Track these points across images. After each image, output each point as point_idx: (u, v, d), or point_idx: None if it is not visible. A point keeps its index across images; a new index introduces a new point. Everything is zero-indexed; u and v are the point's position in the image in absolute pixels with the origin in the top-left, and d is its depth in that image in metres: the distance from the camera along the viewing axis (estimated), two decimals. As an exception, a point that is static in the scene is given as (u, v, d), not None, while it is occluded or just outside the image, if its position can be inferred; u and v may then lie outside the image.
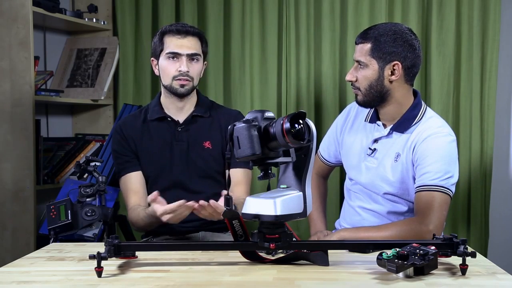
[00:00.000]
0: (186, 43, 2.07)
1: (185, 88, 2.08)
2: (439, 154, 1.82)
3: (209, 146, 2.13)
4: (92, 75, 3.03)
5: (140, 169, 2.14)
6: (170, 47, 2.07)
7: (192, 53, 2.08)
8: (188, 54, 2.07)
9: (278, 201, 1.31)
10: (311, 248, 1.42)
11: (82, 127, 3.17)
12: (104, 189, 1.92)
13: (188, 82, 2.08)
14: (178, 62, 2.07)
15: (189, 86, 2.09)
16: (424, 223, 1.75)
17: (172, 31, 2.08)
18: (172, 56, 2.07)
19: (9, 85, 2.60)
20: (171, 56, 2.07)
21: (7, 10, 2.60)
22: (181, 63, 2.06)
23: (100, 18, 3.08)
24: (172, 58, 2.07)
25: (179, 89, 2.08)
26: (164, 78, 2.10)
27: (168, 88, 2.10)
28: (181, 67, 2.06)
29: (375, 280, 1.28)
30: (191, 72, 2.08)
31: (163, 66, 2.09)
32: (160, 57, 2.10)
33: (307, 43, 2.95)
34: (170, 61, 2.07)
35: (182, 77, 2.07)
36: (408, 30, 1.89)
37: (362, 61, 1.87)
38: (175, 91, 2.09)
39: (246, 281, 1.30)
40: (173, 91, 2.10)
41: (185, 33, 2.08)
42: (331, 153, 2.15)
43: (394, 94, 1.89)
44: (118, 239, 1.39)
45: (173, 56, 2.07)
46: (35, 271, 1.41)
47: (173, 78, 2.07)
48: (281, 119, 1.29)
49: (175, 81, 2.07)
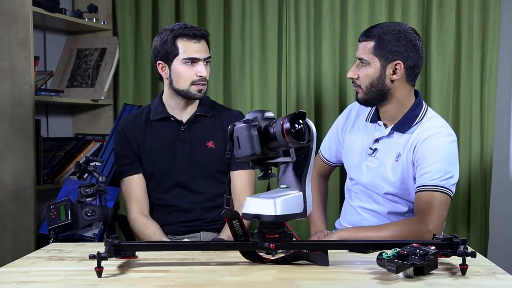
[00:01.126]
0: (202, 47, 2.07)
1: (202, 92, 2.09)
2: (440, 154, 1.82)
3: (212, 146, 2.13)
4: (92, 75, 3.03)
5: (142, 171, 2.14)
6: (187, 52, 2.05)
7: (208, 57, 2.09)
8: (205, 58, 2.08)
9: (278, 201, 1.31)
10: (311, 248, 1.42)
11: (82, 127, 3.17)
12: (104, 189, 1.92)
13: (205, 85, 2.09)
14: (196, 66, 2.06)
15: (205, 90, 2.10)
16: (424, 223, 1.75)
17: (187, 35, 2.05)
18: (190, 62, 2.06)
19: (9, 85, 2.59)
20: (188, 61, 2.06)
21: (7, 10, 2.60)
22: (199, 68, 2.06)
23: (100, 18, 3.08)
24: (190, 63, 2.06)
25: (197, 94, 2.08)
26: (180, 83, 2.08)
27: (184, 92, 2.08)
28: (201, 73, 2.05)
29: (375, 280, 1.28)
30: (207, 76, 2.09)
31: (179, 71, 2.07)
32: (173, 61, 2.07)
33: (307, 43, 2.95)
34: (188, 66, 2.06)
35: (201, 82, 2.07)
36: (412, 30, 1.89)
37: (365, 59, 1.87)
38: (192, 96, 2.09)
39: (246, 281, 1.30)
40: (190, 96, 2.09)
41: (200, 37, 2.07)
42: (332, 153, 2.15)
43: (395, 94, 1.89)
44: (118, 239, 1.39)
45: (191, 61, 2.06)
46: (35, 271, 1.41)
47: (192, 83, 2.07)
48: (281, 119, 1.29)
49: (194, 86, 2.07)
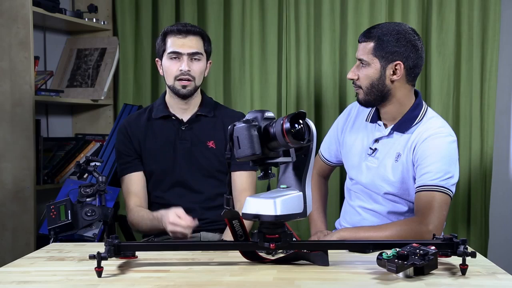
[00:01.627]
0: (187, 43, 2.08)
1: (187, 89, 2.09)
2: (440, 154, 1.82)
3: (212, 146, 2.13)
4: (92, 75, 3.03)
5: (142, 169, 2.14)
6: (172, 47, 2.08)
7: (193, 52, 2.08)
8: (189, 53, 2.07)
9: (278, 201, 1.31)
10: (311, 248, 1.42)
11: (82, 127, 3.17)
12: (104, 189, 1.91)
13: (190, 82, 2.08)
14: (179, 61, 2.08)
15: (191, 87, 2.09)
16: (424, 223, 1.75)
17: (173, 31, 2.09)
18: (174, 56, 2.08)
19: (9, 85, 2.59)
20: (173, 56, 2.08)
21: (7, 10, 2.60)
22: (181, 63, 2.07)
23: (100, 18, 3.08)
24: (174, 58, 2.08)
25: (181, 90, 2.09)
26: (167, 78, 2.11)
27: (171, 88, 2.11)
28: (181, 66, 2.06)
29: (375, 280, 1.28)
30: (192, 72, 2.08)
31: (165, 66, 2.10)
32: (163, 57, 2.11)
33: (307, 43, 2.95)
34: (172, 61, 2.08)
35: (183, 76, 2.07)
36: (411, 30, 1.89)
37: (364, 59, 1.87)
38: (177, 92, 2.10)
39: (246, 281, 1.30)
40: (176, 92, 2.10)
41: (186, 32, 2.08)
42: (332, 153, 2.15)
43: (395, 94, 1.89)
44: (118, 239, 1.39)
45: (175, 56, 2.08)
46: (35, 271, 1.41)
47: (175, 78, 2.08)
48: (281, 119, 1.28)
49: (177, 81, 2.08)
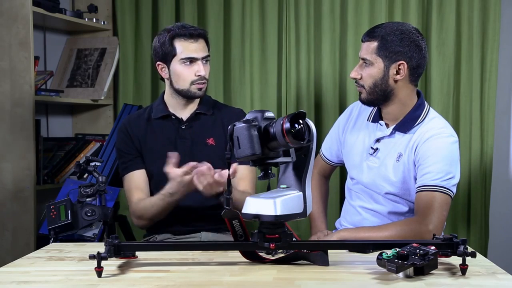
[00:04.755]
0: (200, 47, 2.07)
1: (202, 91, 2.10)
2: (441, 155, 1.82)
3: (212, 143, 2.13)
4: (92, 75, 3.03)
5: (144, 167, 2.14)
6: (185, 52, 2.05)
7: (206, 56, 2.09)
8: (203, 57, 2.08)
9: (278, 201, 1.31)
10: (311, 248, 1.42)
11: (82, 127, 3.17)
12: (104, 189, 1.92)
13: (205, 84, 2.10)
14: (194, 66, 2.06)
15: (205, 88, 2.11)
16: (424, 223, 1.75)
17: (184, 35, 2.06)
18: (187, 62, 2.06)
19: (9, 85, 2.59)
20: (187, 61, 2.06)
21: (7, 10, 2.60)
22: (198, 67, 2.06)
23: (100, 18, 3.08)
24: (188, 63, 2.06)
25: (197, 93, 2.09)
26: (179, 83, 2.08)
27: (185, 92, 2.09)
28: (199, 72, 2.06)
29: (375, 280, 1.28)
30: (206, 74, 2.09)
31: (178, 71, 2.07)
32: (172, 62, 2.07)
33: (307, 43, 2.95)
34: (186, 66, 2.06)
35: (201, 81, 2.07)
36: (415, 30, 1.88)
37: (368, 59, 1.87)
38: (192, 95, 2.09)
39: (246, 281, 1.30)
40: (190, 95, 2.09)
41: (197, 36, 2.07)
42: (333, 152, 2.15)
43: (398, 94, 1.88)
44: (118, 239, 1.39)
45: (189, 61, 2.06)
46: (35, 271, 1.41)
47: (192, 82, 2.07)
48: (281, 119, 1.28)
49: (194, 85, 2.07)
